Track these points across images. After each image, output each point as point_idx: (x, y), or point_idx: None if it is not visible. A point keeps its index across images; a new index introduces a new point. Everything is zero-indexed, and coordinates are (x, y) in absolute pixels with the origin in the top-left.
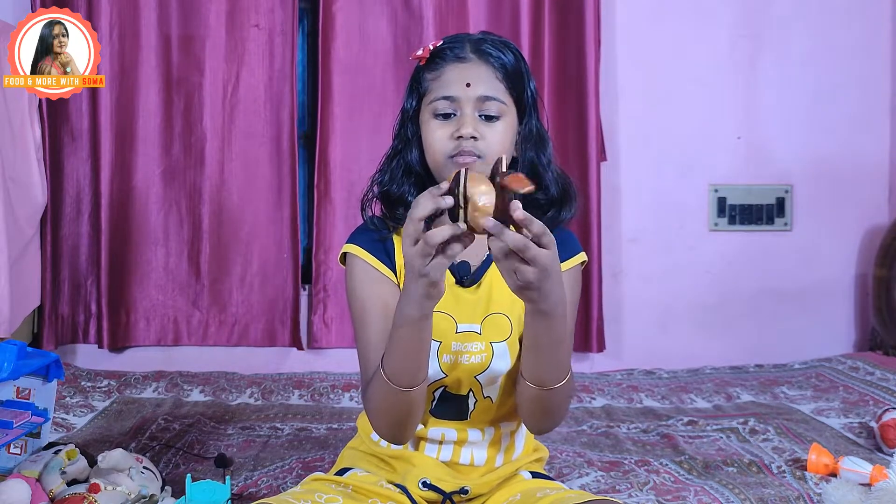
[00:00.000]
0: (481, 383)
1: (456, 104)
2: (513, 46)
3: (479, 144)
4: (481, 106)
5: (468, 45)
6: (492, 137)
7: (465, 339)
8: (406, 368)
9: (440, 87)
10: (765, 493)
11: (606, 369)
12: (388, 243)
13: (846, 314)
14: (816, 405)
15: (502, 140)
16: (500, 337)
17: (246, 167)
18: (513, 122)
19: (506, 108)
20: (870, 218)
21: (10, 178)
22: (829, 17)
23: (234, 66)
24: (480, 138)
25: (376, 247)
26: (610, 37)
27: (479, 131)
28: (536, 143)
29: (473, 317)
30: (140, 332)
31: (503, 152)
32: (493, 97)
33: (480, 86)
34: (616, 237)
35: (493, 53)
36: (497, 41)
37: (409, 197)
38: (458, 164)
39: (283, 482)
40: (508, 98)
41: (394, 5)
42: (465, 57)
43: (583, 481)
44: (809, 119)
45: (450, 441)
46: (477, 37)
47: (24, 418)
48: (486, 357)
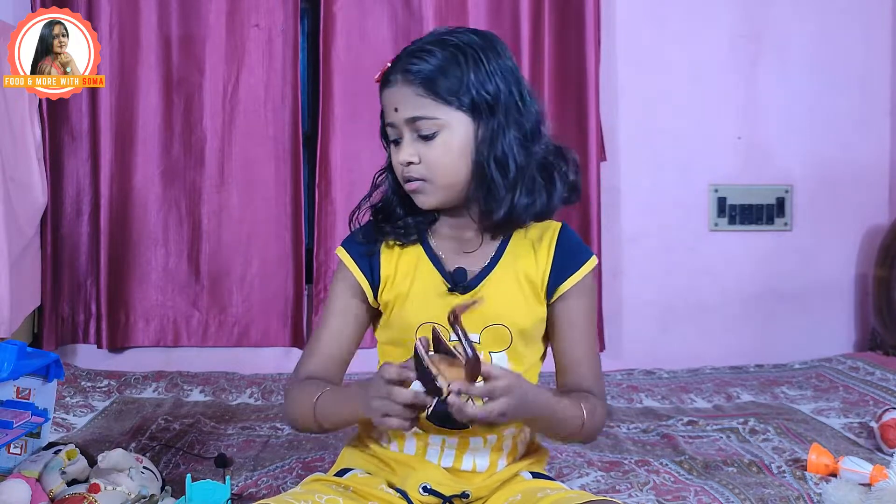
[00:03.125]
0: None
1: (398, 129)
2: (445, 44)
3: (419, 169)
4: (413, 127)
5: (397, 65)
6: (430, 158)
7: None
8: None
9: (385, 114)
10: (765, 493)
11: (606, 369)
12: (374, 258)
13: (846, 314)
14: (816, 405)
15: (441, 158)
16: (499, 347)
17: (246, 167)
18: (460, 132)
19: (442, 122)
20: (870, 218)
21: (10, 178)
22: (829, 17)
23: (234, 67)
24: (420, 161)
25: (363, 260)
26: (610, 37)
27: (419, 153)
28: (489, 141)
29: (471, 326)
30: (140, 333)
31: (448, 167)
32: (420, 116)
33: (406, 108)
34: (616, 237)
35: (412, 69)
36: (419, 51)
37: (398, 209)
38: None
39: (283, 482)
40: (443, 109)
41: (394, 5)
42: (391, 79)
43: (583, 481)
44: (809, 119)
45: (451, 447)
46: (409, 49)
47: (24, 418)
48: None
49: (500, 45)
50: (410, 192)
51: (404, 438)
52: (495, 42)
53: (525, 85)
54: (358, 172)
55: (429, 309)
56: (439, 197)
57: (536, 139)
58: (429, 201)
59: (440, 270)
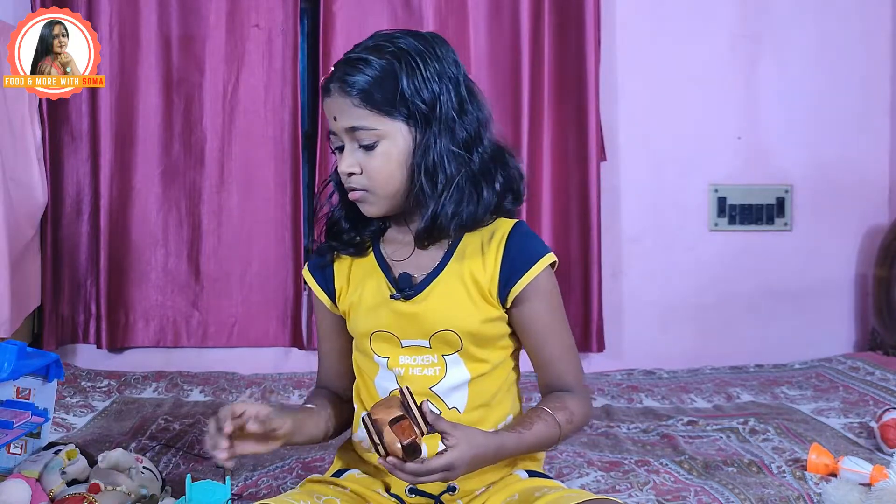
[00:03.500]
0: (439, 395)
1: (339, 137)
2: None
3: (360, 179)
4: (353, 137)
5: (334, 74)
6: (370, 168)
7: (413, 352)
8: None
9: (328, 122)
10: (765, 493)
11: (606, 369)
12: (328, 270)
13: (846, 314)
14: (816, 405)
15: (382, 166)
16: (449, 350)
17: (246, 167)
18: (400, 142)
19: (380, 132)
20: (870, 218)
21: (10, 178)
22: (829, 17)
23: (234, 67)
24: (361, 171)
25: (318, 274)
26: (610, 37)
27: (360, 163)
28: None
29: (419, 331)
30: (139, 333)
31: (387, 177)
32: (358, 127)
33: (344, 118)
34: (616, 237)
35: (347, 79)
36: (356, 59)
37: (343, 222)
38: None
39: (283, 482)
40: (381, 119)
41: (394, 5)
42: (329, 88)
43: (583, 481)
44: (809, 119)
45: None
46: (345, 57)
47: (24, 418)
48: (440, 370)
49: (441, 48)
50: (354, 201)
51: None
52: (436, 45)
53: (466, 90)
54: None
55: (377, 317)
56: (382, 206)
57: (475, 146)
58: (372, 210)
59: (387, 277)
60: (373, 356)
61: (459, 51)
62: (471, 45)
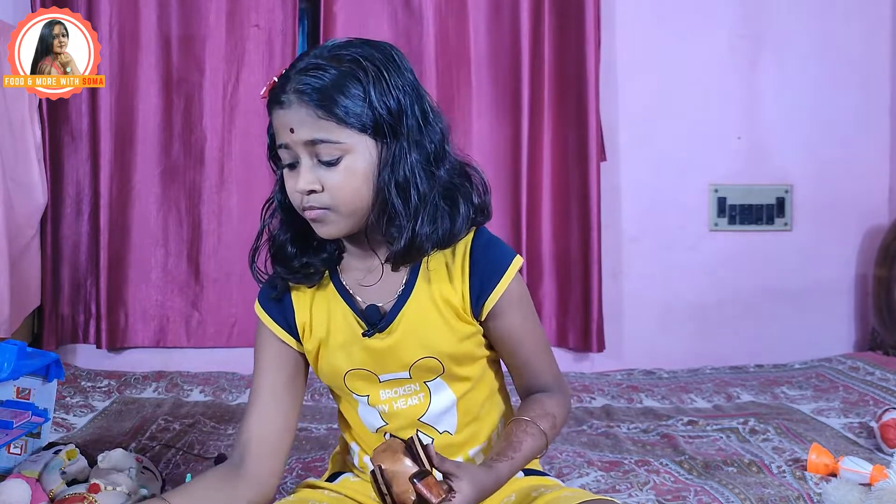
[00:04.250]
0: (428, 423)
1: (293, 151)
2: (346, 60)
3: (321, 197)
4: (313, 151)
5: (290, 83)
6: (332, 185)
7: (393, 385)
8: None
9: (277, 135)
10: (765, 493)
11: (606, 369)
12: (286, 302)
13: (846, 314)
14: (816, 405)
15: (347, 182)
16: (431, 376)
17: (246, 167)
18: (364, 155)
19: (345, 146)
20: (870, 218)
21: (10, 178)
22: (829, 17)
23: (234, 67)
24: (323, 189)
25: (271, 306)
26: (610, 37)
27: (320, 180)
28: (391, 165)
29: (396, 364)
30: (139, 333)
31: (351, 193)
32: (321, 140)
33: (303, 130)
34: (616, 237)
35: (306, 90)
36: (314, 68)
37: (290, 247)
38: (310, 218)
39: (283, 482)
40: (345, 131)
41: (394, 5)
42: (284, 99)
43: (583, 481)
44: (809, 119)
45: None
46: (303, 64)
47: (24, 418)
48: (424, 397)
49: (399, 58)
50: (311, 221)
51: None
52: (395, 54)
53: (428, 101)
54: None
55: (349, 355)
56: (342, 226)
57: (441, 160)
58: (331, 231)
59: (354, 310)
60: (350, 395)
61: (459, 51)
62: (471, 45)
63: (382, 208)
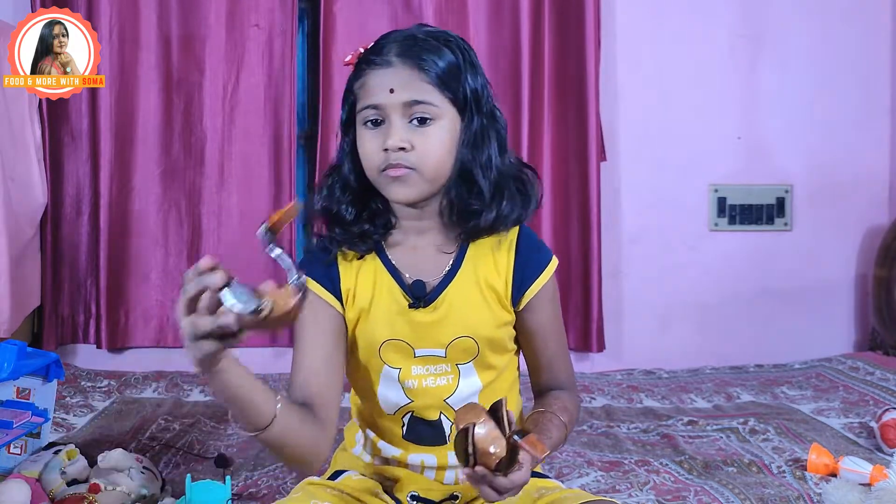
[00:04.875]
0: (452, 406)
1: (382, 112)
2: (452, 41)
3: (409, 156)
4: (409, 111)
5: (393, 47)
6: (424, 145)
7: (426, 362)
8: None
9: (366, 95)
10: (765, 493)
11: (606, 369)
12: (333, 268)
13: (846, 314)
14: (816, 405)
15: (438, 146)
16: (465, 358)
17: (246, 167)
18: (452, 125)
19: (438, 111)
20: (870, 218)
21: (10, 178)
22: (828, 17)
23: (234, 66)
24: (411, 148)
25: (321, 271)
26: (610, 37)
27: (411, 140)
28: (473, 143)
29: (434, 341)
30: (139, 333)
31: (440, 158)
32: (421, 100)
33: (405, 91)
34: (616, 237)
35: (418, 54)
36: (426, 37)
37: (347, 215)
38: (390, 177)
39: (283, 482)
40: (442, 99)
41: (394, 5)
42: (389, 61)
43: (583, 481)
44: (809, 119)
45: (431, 468)
46: (404, 34)
47: (24, 418)
48: (453, 379)
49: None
50: (391, 181)
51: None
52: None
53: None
54: None
55: (393, 326)
56: (422, 189)
57: (505, 150)
58: (408, 194)
59: (400, 284)
60: (381, 367)
61: None
62: (471, 45)
63: (464, 185)
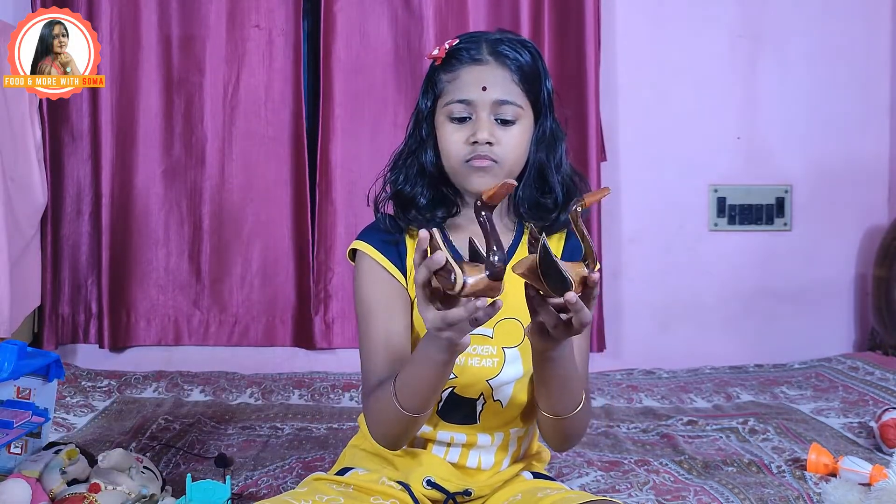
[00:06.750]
0: (492, 387)
1: (471, 107)
2: (531, 46)
3: (494, 149)
4: (497, 109)
5: (485, 46)
6: (507, 142)
7: (474, 341)
8: (421, 401)
9: (456, 90)
10: (765, 493)
11: (606, 369)
12: (401, 246)
13: (846, 314)
14: (816, 405)
15: (518, 144)
16: (512, 342)
17: (246, 167)
18: (529, 125)
19: (522, 112)
20: (870, 218)
21: (10, 178)
22: (828, 17)
23: (235, 67)
24: (496, 143)
25: (387, 247)
26: (610, 37)
27: (495, 136)
28: (548, 144)
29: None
30: (140, 332)
31: (519, 155)
32: (510, 101)
33: (497, 89)
34: (616, 237)
35: (509, 55)
36: (515, 41)
37: (421, 199)
38: (474, 167)
39: (284, 482)
40: (525, 100)
41: (394, 5)
42: (482, 59)
43: (583, 481)
44: (809, 119)
45: (458, 444)
46: (494, 36)
47: (24, 418)
48: (498, 362)
49: None
50: (474, 171)
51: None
52: None
53: None
54: (358, 172)
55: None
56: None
57: (568, 153)
58: (490, 184)
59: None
60: None
61: None
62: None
63: (537, 181)
